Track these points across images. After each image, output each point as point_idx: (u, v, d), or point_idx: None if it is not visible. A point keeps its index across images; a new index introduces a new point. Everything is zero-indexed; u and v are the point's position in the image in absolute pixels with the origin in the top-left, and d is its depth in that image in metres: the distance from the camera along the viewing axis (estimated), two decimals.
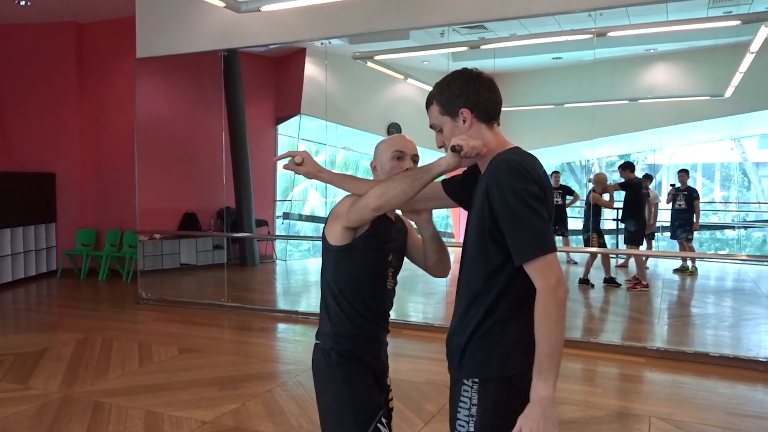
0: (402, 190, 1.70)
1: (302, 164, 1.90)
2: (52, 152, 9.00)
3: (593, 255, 7.46)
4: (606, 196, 7.52)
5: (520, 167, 1.54)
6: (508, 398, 1.56)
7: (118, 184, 8.69)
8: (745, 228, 10.92)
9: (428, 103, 1.73)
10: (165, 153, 8.58)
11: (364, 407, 1.83)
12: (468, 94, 1.63)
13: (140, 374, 4.55)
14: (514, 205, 1.49)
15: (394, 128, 9.41)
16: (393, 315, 1.99)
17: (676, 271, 8.48)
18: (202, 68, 8.02)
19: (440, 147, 1.73)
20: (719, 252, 11.12)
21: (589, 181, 8.40)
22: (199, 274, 8.80)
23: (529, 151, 1.67)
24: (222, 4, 5.36)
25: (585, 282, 7.41)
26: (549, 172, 9.14)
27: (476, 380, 1.59)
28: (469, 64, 1.77)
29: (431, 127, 1.74)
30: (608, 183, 7.63)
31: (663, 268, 8.91)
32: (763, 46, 5.76)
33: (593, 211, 7.38)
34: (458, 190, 1.85)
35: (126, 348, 5.22)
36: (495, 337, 1.57)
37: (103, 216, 9.07)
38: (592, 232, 7.37)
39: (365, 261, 1.88)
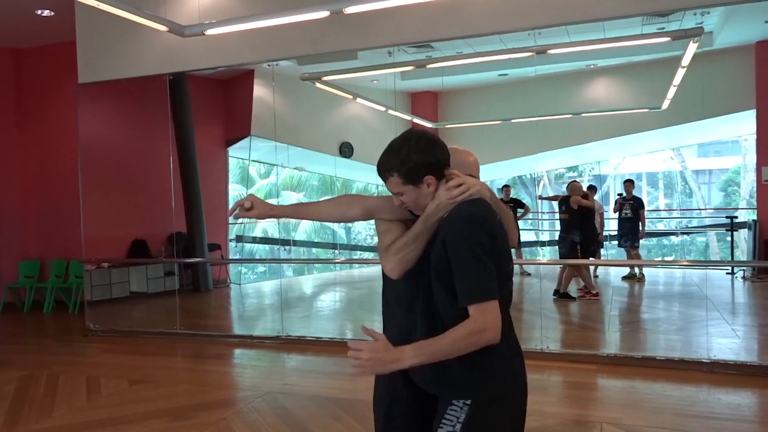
0: (417, 253, 1.77)
1: (252, 208, 1.93)
2: None
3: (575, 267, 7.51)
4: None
5: (474, 217, 1.65)
6: (494, 419, 1.67)
7: (62, 212, 8.41)
8: (688, 234, 11.36)
9: (386, 174, 1.74)
10: (111, 179, 8.37)
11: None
12: (429, 162, 1.71)
13: (88, 409, 4.38)
14: (462, 253, 1.61)
15: (345, 147, 9.44)
16: (350, 334, 2.01)
17: (624, 278, 8.74)
18: (147, 92, 7.88)
19: (398, 205, 1.79)
20: (665, 258, 11.52)
21: (554, 198, 8.54)
22: (150, 302, 8.57)
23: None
24: (165, 29, 5.30)
25: (566, 295, 7.47)
26: (500, 186, 9.36)
27: (467, 402, 1.67)
28: (418, 83, 1.83)
29: (391, 191, 1.78)
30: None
31: (612, 275, 9.17)
32: (693, 60, 6.06)
33: (580, 218, 7.43)
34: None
35: (73, 383, 5.02)
36: (484, 360, 1.65)
37: (47, 246, 8.75)
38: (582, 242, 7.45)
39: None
